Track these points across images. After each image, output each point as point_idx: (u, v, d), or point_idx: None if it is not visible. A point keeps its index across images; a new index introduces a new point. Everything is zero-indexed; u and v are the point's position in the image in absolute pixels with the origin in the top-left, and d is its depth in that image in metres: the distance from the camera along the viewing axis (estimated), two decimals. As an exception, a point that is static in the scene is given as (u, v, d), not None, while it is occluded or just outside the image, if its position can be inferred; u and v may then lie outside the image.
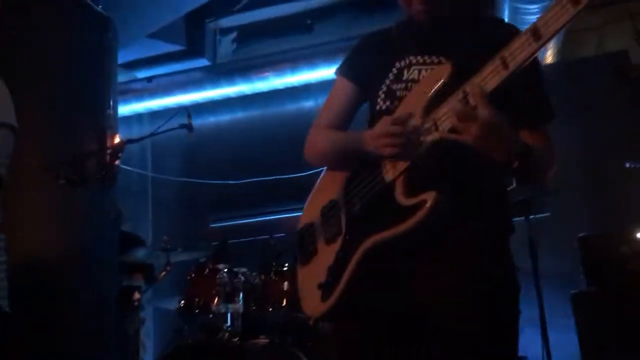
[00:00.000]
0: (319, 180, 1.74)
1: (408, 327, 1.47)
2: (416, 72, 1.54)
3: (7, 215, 2.04)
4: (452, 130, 1.31)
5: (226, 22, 6.23)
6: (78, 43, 4.05)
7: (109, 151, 3.68)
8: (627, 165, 4.82)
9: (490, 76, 1.25)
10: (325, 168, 1.75)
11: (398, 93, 1.55)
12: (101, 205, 3.86)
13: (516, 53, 1.21)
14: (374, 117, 1.58)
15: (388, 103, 1.57)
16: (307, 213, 1.73)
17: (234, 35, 6.34)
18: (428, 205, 1.32)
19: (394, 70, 1.58)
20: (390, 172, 1.44)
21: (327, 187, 1.67)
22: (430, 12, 1.54)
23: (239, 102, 6.19)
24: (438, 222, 1.35)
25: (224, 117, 6.37)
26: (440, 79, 1.39)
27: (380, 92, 1.60)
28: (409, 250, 1.44)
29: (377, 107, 1.59)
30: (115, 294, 3.87)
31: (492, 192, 1.52)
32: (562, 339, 3.81)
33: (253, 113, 6.26)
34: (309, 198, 1.74)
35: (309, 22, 5.99)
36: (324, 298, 1.54)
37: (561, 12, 1.13)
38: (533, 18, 4.99)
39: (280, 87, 5.90)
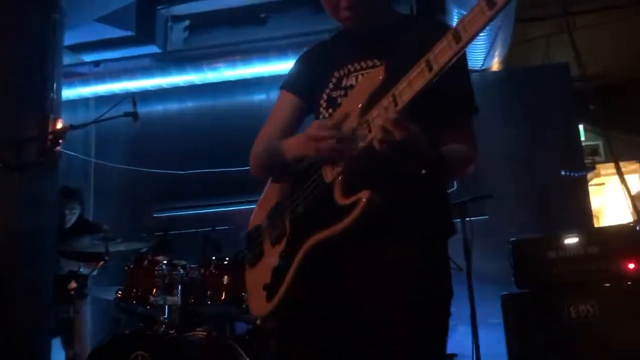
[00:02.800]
0: (267, 185, 1.78)
1: (346, 325, 1.51)
2: (353, 78, 1.59)
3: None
4: (383, 133, 1.35)
5: (179, 9, 6.15)
6: (22, 22, 3.93)
7: (50, 136, 3.60)
8: (563, 173, 5.03)
9: (416, 79, 1.30)
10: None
11: (338, 100, 1.60)
12: (42, 191, 3.78)
13: (439, 56, 1.26)
14: None
15: (330, 110, 1.61)
16: (255, 216, 1.77)
17: (186, 23, 6.26)
18: (362, 203, 1.38)
19: (333, 80, 1.63)
20: (329, 174, 1.49)
21: (274, 190, 1.72)
22: (356, 18, 1.60)
23: (189, 91, 6.12)
24: (373, 220, 1.40)
25: (173, 106, 6.29)
26: (376, 81, 1.44)
27: (322, 102, 1.64)
28: (349, 249, 1.49)
29: (321, 117, 1.64)
30: (52, 280, 3.80)
31: (429, 192, 1.56)
32: (492, 338, 3.96)
33: (203, 103, 6.21)
34: (259, 201, 1.78)
35: (262, 15, 5.98)
36: (268, 298, 1.57)
37: (479, 15, 1.18)
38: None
39: (232, 78, 5.87)
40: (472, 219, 3.78)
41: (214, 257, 3.30)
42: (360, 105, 1.45)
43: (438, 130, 1.53)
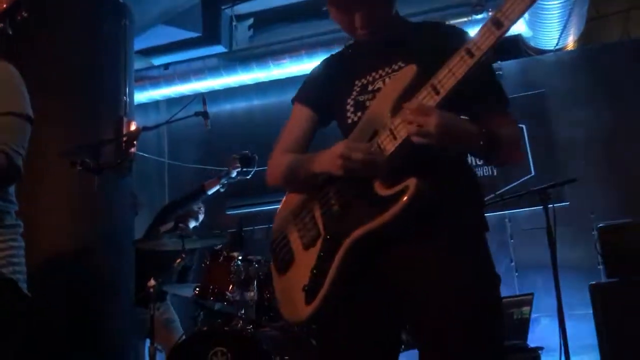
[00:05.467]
0: (285, 196, 1.79)
1: (393, 316, 1.52)
2: (380, 82, 1.60)
3: (24, 203, 2.06)
4: (413, 133, 1.39)
5: (242, 8, 6.21)
6: (94, 30, 4.05)
7: (125, 138, 3.68)
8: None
9: (457, 66, 1.34)
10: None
11: (367, 103, 1.60)
12: (118, 192, 3.89)
13: (480, 42, 1.32)
14: (347, 130, 1.63)
15: (359, 114, 1.61)
16: (277, 225, 1.77)
17: (250, 21, 6.31)
18: (412, 189, 1.38)
19: (356, 88, 1.64)
20: None
21: (294, 199, 1.72)
22: (371, 33, 1.62)
23: (255, 89, 6.17)
24: (422, 208, 1.40)
25: (240, 104, 6.37)
26: (407, 78, 1.46)
27: (349, 107, 1.64)
28: (393, 242, 1.48)
29: (349, 121, 1.63)
30: (132, 280, 3.90)
31: (468, 185, 1.59)
32: (580, 330, 3.78)
33: (269, 100, 6.25)
34: (278, 212, 1.79)
35: (324, 8, 5.93)
36: (308, 301, 1.55)
37: (519, 2, 1.28)
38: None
39: (297, 73, 5.87)
40: (554, 205, 3.60)
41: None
42: (395, 97, 1.46)
43: (477, 119, 1.52)
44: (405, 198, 1.38)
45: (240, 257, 3.31)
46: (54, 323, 3.35)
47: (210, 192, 4.35)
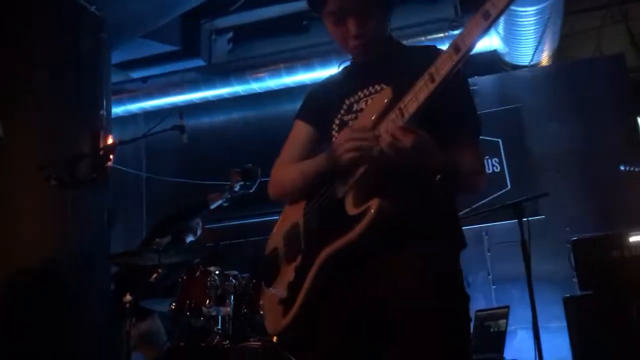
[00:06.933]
0: (282, 212, 1.83)
1: (366, 332, 1.53)
2: (363, 102, 1.66)
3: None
4: (390, 145, 1.41)
5: (222, 22, 6.22)
6: (71, 43, 4.04)
7: (101, 152, 3.66)
8: (622, 168, 4.82)
9: (420, 91, 1.36)
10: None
11: (350, 123, 1.66)
12: (93, 206, 3.85)
13: (440, 67, 1.32)
14: None
15: None
16: (271, 240, 1.81)
17: (229, 35, 6.33)
18: (372, 210, 1.43)
19: (344, 106, 1.70)
20: (340, 190, 1.55)
21: (288, 215, 1.77)
22: (364, 47, 1.67)
23: (234, 102, 6.17)
24: (384, 228, 1.43)
25: (219, 118, 6.36)
26: (382, 101, 1.49)
27: (334, 125, 1.70)
28: (363, 259, 1.53)
29: (333, 140, 1.68)
30: (109, 293, 3.85)
31: (440, 202, 1.61)
32: (555, 343, 3.81)
33: (248, 114, 6.25)
34: (274, 228, 1.83)
35: (305, 22, 5.98)
36: (284, 313, 1.61)
37: (475, 27, 1.25)
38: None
39: (276, 87, 5.90)
40: (529, 219, 3.64)
41: (265, 267, 3.28)
42: (372, 119, 1.49)
43: (445, 147, 1.54)
44: (366, 219, 1.43)
45: (217, 272, 3.29)
46: (22, 337, 3.29)
47: (212, 206, 4.28)
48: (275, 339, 3.08)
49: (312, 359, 1.60)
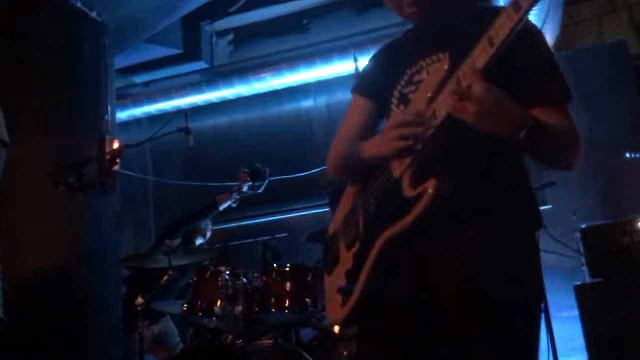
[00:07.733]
0: (343, 195, 1.75)
1: (425, 320, 1.45)
2: (424, 72, 1.55)
3: (7, 223, 2.05)
4: (451, 113, 1.31)
5: (222, 24, 6.22)
6: (73, 50, 4.05)
7: (108, 156, 3.68)
8: (628, 155, 4.81)
9: (478, 55, 1.26)
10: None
11: (410, 95, 1.56)
12: (101, 211, 3.87)
13: (499, 29, 1.22)
14: None
15: (402, 107, 1.57)
16: (332, 225, 1.76)
17: (230, 37, 6.33)
18: (430, 192, 1.33)
19: (405, 77, 1.59)
20: (397, 169, 1.45)
21: (349, 198, 1.70)
22: (420, 12, 1.57)
23: (238, 103, 6.18)
24: (444, 209, 1.33)
25: (223, 119, 6.37)
26: (441, 72, 1.40)
27: (393, 99, 1.61)
28: (424, 242, 1.43)
29: (392, 113, 1.60)
30: (118, 297, 3.86)
31: (506, 179, 1.47)
32: (567, 332, 3.80)
33: (252, 114, 6.25)
34: (336, 212, 1.76)
35: (305, 22, 5.99)
36: (343, 302, 1.54)
37: None
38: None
39: (279, 87, 5.90)
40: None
41: (275, 265, 3.29)
42: (428, 96, 1.40)
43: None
44: (423, 201, 1.33)
45: (227, 272, 3.30)
46: (36, 342, 3.31)
47: (222, 207, 4.26)
48: (336, 328, 3.03)
49: (375, 347, 1.52)
